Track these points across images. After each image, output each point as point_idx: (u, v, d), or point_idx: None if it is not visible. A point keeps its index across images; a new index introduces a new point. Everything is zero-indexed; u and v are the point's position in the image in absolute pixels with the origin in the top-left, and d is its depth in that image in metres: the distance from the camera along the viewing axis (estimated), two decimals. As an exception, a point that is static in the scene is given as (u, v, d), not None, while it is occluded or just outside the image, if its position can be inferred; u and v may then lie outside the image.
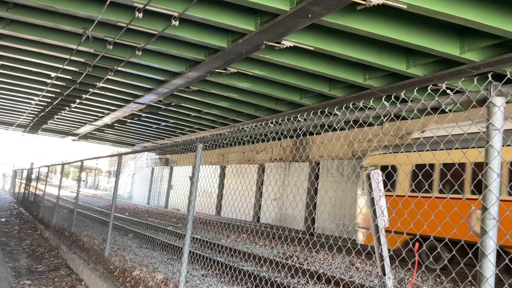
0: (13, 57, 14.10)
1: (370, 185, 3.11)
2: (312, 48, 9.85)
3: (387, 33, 8.59)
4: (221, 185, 26.30)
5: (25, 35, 11.60)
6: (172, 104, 18.34)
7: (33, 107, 23.04)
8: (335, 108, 3.03)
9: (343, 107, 3.09)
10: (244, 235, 14.28)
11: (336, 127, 3.26)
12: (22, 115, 26.25)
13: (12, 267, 7.58)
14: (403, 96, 2.66)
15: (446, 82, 2.62)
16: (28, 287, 6.30)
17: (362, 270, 9.14)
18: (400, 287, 7.68)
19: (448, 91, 2.31)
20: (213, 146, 5.08)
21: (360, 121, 3.06)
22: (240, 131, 3.97)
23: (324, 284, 7.11)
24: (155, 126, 25.13)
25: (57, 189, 13.16)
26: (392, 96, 2.79)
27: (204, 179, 20.42)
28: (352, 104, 3.15)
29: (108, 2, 8.62)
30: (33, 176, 19.51)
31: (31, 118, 26.96)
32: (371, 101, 2.99)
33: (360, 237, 11.15)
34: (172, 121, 22.75)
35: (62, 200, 14.42)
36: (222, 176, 26.44)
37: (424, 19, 8.21)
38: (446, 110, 2.56)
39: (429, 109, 2.40)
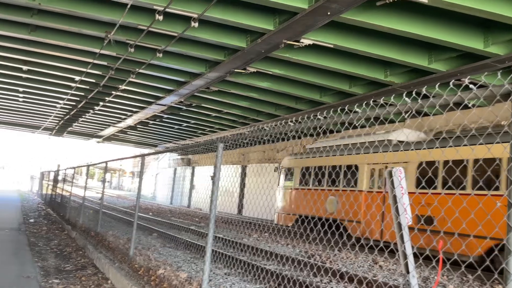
0: (39, 62, 14.49)
1: (392, 183, 3.08)
2: (331, 46, 9.79)
3: (409, 29, 8.47)
4: (242, 184, 26.39)
5: (50, 40, 11.90)
6: (193, 104, 18.51)
7: (59, 110, 23.61)
8: (355, 106, 3.02)
9: (363, 104, 3.08)
10: (266, 234, 14.31)
11: (357, 125, 3.24)
12: (48, 118, 26.93)
13: (40, 266, 7.79)
14: (424, 92, 2.62)
15: (469, 77, 2.56)
16: (57, 286, 6.46)
17: (386, 269, 9.04)
18: (425, 286, 7.56)
19: (471, 85, 2.27)
20: (233, 145, 5.12)
21: (381, 118, 3.05)
22: (260, 130, 3.99)
23: (347, 283, 7.06)
24: (176, 127, 25.41)
25: (83, 190, 13.47)
26: (413, 92, 2.76)
27: (225, 178, 20.51)
28: (373, 101, 3.12)
29: (129, 6, 8.78)
30: (60, 177, 20.00)
31: (57, 121, 27.62)
32: (392, 97, 2.97)
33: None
34: (193, 121, 22.96)
35: (88, 201, 14.74)
36: (243, 175, 26.53)
37: (446, 13, 8.06)
38: (469, 105, 2.51)
39: (451, 105, 2.36)
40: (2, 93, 20.62)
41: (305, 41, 9.63)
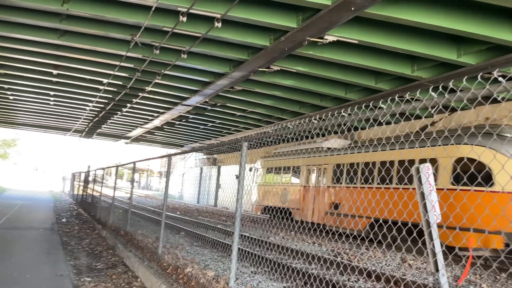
0: (68, 66, 14.90)
1: (419, 179, 3.02)
2: (356, 42, 9.67)
3: (436, 22, 8.26)
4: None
5: (78, 44, 12.21)
6: (218, 104, 18.63)
7: (88, 113, 24.21)
8: (380, 101, 2.97)
9: (389, 99, 3.02)
10: (292, 232, 14.27)
11: (382, 121, 3.19)
12: (78, 121, 27.65)
13: (73, 265, 8.02)
14: (451, 86, 2.56)
15: (497, 69, 2.49)
16: (88, 284, 6.64)
17: (415, 267, 8.87)
18: (456, 285, 7.38)
19: (500, 78, 2.20)
20: (258, 144, 5.13)
21: (407, 114, 2.98)
22: (284, 128, 3.98)
23: (375, 281, 6.97)
24: (202, 127, 25.64)
25: (113, 190, 13.78)
26: (440, 87, 2.70)
27: (251, 177, 20.59)
28: (398, 96, 3.06)
29: (153, 8, 8.91)
30: (90, 178, 20.51)
31: (87, 123, 28.33)
32: (418, 92, 2.91)
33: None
34: (218, 121, 23.12)
35: (117, 201, 15.07)
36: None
37: (475, 4, 7.83)
38: (499, 99, 2.44)
39: (480, 98, 2.30)
40: (34, 97, 21.30)
41: (329, 38, 9.54)
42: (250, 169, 19.80)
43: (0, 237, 10.85)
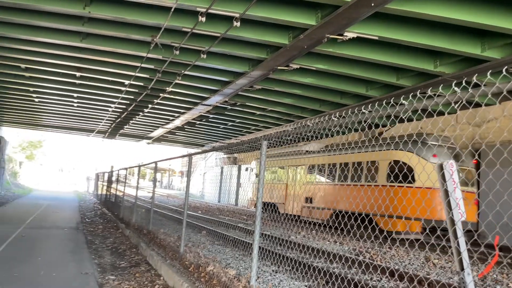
0: (90, 68, 15.18)
1: (442, 176, 2.96)
2: (376, 38, 9.54)
3: (459, 16, 8.08)
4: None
5: (100, 46, 12.42)
6: (237, 104, 18.68)
7: (110, 114, 24.62)
8: (401, 98, 2.92)
9: (410, 95, 2.97)
10: (313, 231, 14.20)
11: (403, 117, 3.14)
12: (101, 122, 28.14)
13: (97, 263, 8.17)
14: (475, 81, 2.50)
15: (523, 63, 2.42)
16: (113, 282, 6.75)
17: (439, 266, 8.70)
18: (482, 285, 7.21)
19: (526, 72, 2.13)
20: (277, 143, 5.12)
21: (429, 110, 2.91)
22: (303, 126, 3.96)
23: (398, 280, 6.87)
24: (222, 126, 25.75)
25: (135, 190, 13.98)
26: (463, 82, 2.63)
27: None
28: (420, 92, 3.01)
29: (172, 9, 8.99)
30: (113, 178, 20.86)
31: (109, 124, 28.81)
32: (440, 87, 2.85)
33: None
34: (238, 120, 23.17)
35: (140, 200, 15.29)
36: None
37: (499, -4, 7.62)
38: (525, 93, 2.36)
39: (505, 93, 2.24)
40: (58, 99, 21.79)
41: (349, 35, 9.44)
42: (246, 169, 23.25)
43: (28, 236, 11.14)
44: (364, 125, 16.95)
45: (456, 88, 2.54)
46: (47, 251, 9.25)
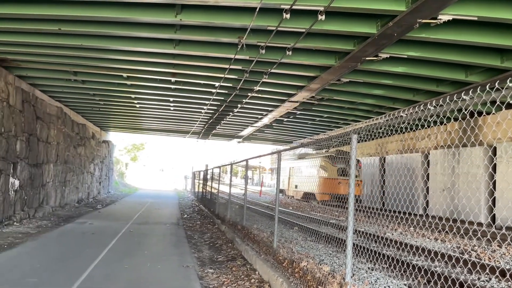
0: (184, 73, 16.04)
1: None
2: (475, 18, 8.75)
3: None
4: (381, 176, 25.32)
5: (192, 51, 13.06)
6: (325, 98, 18.41)
7: (203, 116, 25.79)
8: (508, 80, 2.65)
9: (518, 78, 2.68)
10: (411, 228, 13.51)
11: (511, 102, 2.85)
12: (195, 124, 29.62)
13: (197, 257, 8.63)
14: None
15: None
16: (211, 275, 7.08)
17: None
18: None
19: None
20: (369, 137, 4.94)
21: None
22: (396, 118, 3.78)
23: (510, 281, 6.25)
24: (310, 122, 25.58)
25: (228, 187, 14.51)
26: None
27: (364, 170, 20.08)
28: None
29: (257, 9, 9.14)
30: (208, 176, 21.85)
31: (202, 125, 30.22)
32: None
33: None
34: (326, 115, 22.83)
35: (233, 197, 15.84)
36: (381, 166, 25.48)
37: None
38: None
39: None
40: (157, 104, 23.37)
41: (443, 17, 8.77)
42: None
43: (135, 231, 12.13)
44: (466, 112, 15.65)
45: None
46: (152, 245, 9.98)
